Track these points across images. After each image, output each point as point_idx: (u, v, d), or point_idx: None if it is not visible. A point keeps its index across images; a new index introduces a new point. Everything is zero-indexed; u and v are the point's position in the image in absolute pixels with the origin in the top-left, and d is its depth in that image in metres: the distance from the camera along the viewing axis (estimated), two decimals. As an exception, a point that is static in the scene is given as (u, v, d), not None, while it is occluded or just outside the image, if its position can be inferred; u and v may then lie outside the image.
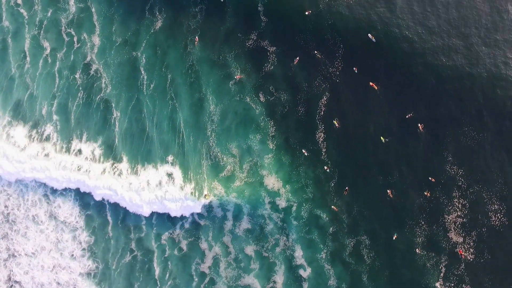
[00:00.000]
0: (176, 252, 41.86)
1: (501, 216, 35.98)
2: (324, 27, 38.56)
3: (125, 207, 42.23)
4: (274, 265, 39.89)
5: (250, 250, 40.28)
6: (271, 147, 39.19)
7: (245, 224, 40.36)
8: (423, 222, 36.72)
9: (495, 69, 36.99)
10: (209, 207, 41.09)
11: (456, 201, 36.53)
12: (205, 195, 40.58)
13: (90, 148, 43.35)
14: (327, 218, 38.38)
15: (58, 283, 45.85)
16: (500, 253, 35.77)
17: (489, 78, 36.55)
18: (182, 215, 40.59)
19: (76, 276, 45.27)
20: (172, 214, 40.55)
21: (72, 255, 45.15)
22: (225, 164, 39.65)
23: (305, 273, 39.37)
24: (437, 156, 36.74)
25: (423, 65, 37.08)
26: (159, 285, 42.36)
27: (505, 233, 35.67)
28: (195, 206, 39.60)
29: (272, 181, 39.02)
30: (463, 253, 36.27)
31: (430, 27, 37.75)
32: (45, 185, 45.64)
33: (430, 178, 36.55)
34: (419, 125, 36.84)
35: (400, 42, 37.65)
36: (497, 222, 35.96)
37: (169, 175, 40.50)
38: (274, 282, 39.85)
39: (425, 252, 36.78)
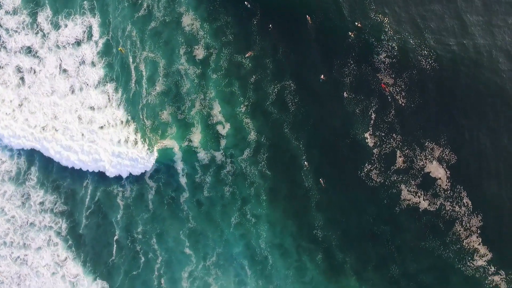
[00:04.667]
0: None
1: (432, 61, 34.08)
2: None
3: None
4: (191, 125, 37.22)
5: (166, 114, 37.72)
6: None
7: (160, 85, 38.00)
8: (351, 62, 34.51)
9: None
10: (121, 64, 38.41)
11: (385, 43, 34.47)
12: (120, 49, 38.51)
13: None
14: (249, 65, 35.94)
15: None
16: (431, 99, 33.84)
17: None
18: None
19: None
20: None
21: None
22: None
23: (224, 130, 36.83)
24: (361, 4, 35.01)
25: None
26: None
27: (435, 77, 34.02)
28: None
29: (190, 20, 36.51)
30: (386, 87, 34.31)
31: None
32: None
33: (356, 23, 35.32)
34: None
35: None
36: (427, 67, 34.11)
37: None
38: (190, 140, 37.16)
39: (353, 95, 34.53)
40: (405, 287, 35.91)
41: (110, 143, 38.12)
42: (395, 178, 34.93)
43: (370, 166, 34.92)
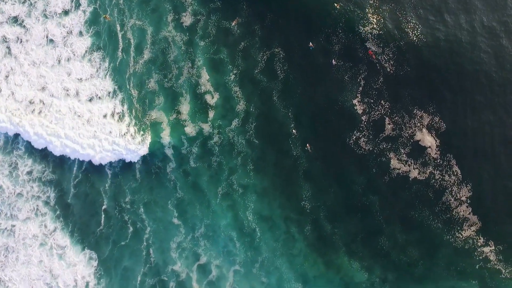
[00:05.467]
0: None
1: (418, 33, 34.38)
2: None
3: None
4: (179, 95, 36.99)
5: (153, 83, 37.28)
6: None
7: (147, 54, 37.50)
8: (339, 31, 34.54)
9: None
10: (109, 33, 37.92)
11: (370, 16, 34.72)
12: (105, 16, 38.09)
13: None
14: (237, 32, 35.71)
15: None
16: (419, 68, 33.93)
17: None
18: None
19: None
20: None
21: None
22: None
23: (212, 100, 36.53)
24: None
25: None
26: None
27: (422, 49, 34.06)
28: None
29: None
30: (373, 55, 34.27)
31: None
32: None
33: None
34: None
35: None
36: (414, 38, 34.45)
37: None
38: (179, 112, 36.86)
39: (342, 63, 34.43)
40: (394, 260, 36.02)
41: (98, 119, 37.93)
42: (384, 146, 34.83)
43: (358, 133, 34.81)
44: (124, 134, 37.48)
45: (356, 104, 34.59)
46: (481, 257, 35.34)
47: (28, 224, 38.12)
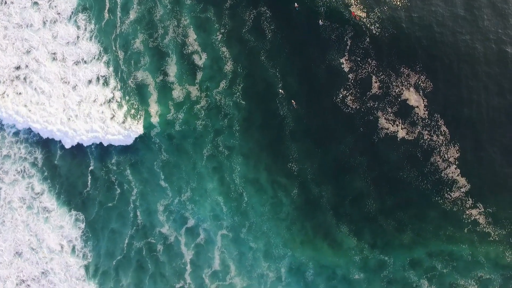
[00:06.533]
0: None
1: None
2: None
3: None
4: (165, 55, 36.65)
5: (138, 43, 36.94)
6: None
7: (133, 14, 37.05)
8: (324, -6, 34.81)
9: None
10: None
11: None
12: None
13: None
14: (223, -11, 35.68)
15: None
16: (403, 29, 33.79)
17: None
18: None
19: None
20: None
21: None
22: None
23: (200, 60, 36.27)
24: None
25: None
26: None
27: (411, 9, 33.96)
28: None
29: None
30: (356, 16, 34.14)
31: None
32: None
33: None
34: None
35: None
36: (398, 3, 34.31)
37: None
38: (166, 73, 36.49)
39: (328, 23, 34.27)
40: (382, 224, 36.03)
41: (83, 87, 37.83)
42: (372, 105, 34.72)
43: (345, 91, 34.70)
44: (110, 100, 37.48)
45: (343, 62, 34.41)
46: (469, 220, 35.26)
47: (15, 187, 38.28)
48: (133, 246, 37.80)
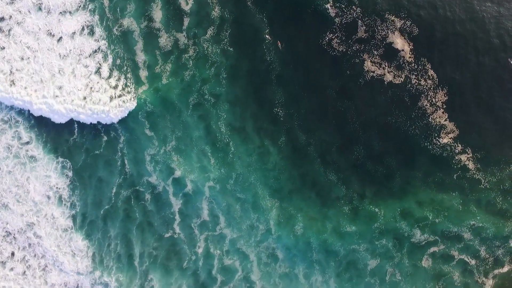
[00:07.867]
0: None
1: None
2: None
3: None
4: (150, 1, 35.76)
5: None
6: None
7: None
8: None
9: None
10: None
11: None
12: None
13: None
14: None
15: None
16: None
17: None
18: None
19: None
20: None
21: None
22: None
23: (187, 6, 36.00)
24: None
25: None
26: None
27: None
28: None
29: None
30: None
31: None
32: None
33: None
34: None
35: None
36: None
37: None
38: (151, 20, 36.02)
39: (314, -33, 34.73)
40: (371, 171, 36.07)
41: (69, 39, 37.70)
42: (357, 47, 34.78)
43: (331, 34, 34.74)
44: (95, 51, 37.54)
45: (329, 8, 34.58)
46: (459, 166, 35.29)
47: (1, 137, 38.58)
48: (121, 195, 37.86)
